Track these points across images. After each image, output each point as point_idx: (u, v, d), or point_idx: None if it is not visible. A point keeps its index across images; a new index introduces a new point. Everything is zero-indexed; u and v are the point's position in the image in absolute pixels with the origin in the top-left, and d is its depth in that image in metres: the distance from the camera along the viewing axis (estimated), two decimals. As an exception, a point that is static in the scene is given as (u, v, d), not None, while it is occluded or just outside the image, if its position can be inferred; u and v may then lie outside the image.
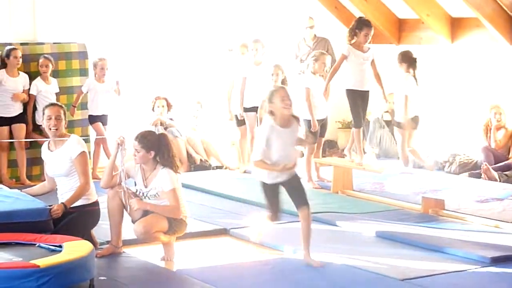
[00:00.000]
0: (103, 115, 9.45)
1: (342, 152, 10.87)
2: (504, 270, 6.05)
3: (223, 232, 7.17)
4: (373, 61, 8.43)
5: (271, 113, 5.54)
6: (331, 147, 11.83)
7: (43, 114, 5.85)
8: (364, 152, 9.37)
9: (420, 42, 11.42)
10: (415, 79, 8.67)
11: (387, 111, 11.10)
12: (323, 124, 9.14)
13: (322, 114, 8.95)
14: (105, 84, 9.44)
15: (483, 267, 6.10)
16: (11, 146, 9.12)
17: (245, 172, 10.05)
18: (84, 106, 9.63)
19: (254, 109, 9.50)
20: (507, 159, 9.80)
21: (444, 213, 7.82)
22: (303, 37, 10.79)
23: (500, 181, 8.70)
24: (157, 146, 5.70)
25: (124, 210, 5.77)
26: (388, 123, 11.01)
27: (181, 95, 11.00)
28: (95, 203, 5.82)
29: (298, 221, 6.05)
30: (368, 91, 8.58)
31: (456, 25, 10.57)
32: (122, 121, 9.74)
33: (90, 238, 5.50)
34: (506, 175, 9.12)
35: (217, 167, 10.61)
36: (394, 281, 5.57)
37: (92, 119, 9.47)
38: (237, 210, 8.07)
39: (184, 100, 11.03)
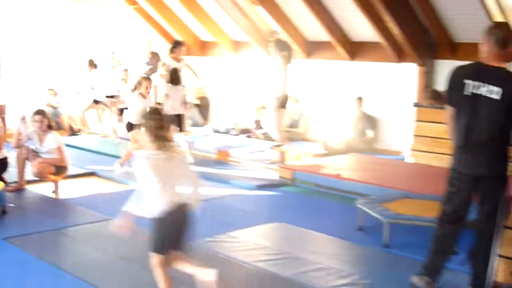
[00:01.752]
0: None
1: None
2: (265, 193, 7.03)
3: (93, 174, 7.73)
4: (187, 65, 9.03)
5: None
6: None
7: None
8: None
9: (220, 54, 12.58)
10: None
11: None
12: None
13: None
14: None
15: (251, 190, 7.07)
16: None
17: (104, 136, 10.74)
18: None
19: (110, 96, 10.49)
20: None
21: (230, 159, 8.60)
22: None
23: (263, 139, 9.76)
24: (48, 119, 6.54)
25: (27, 161, 6.55)
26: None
27: (63, 87, 11.52)
28: (5, 158, 6.49)
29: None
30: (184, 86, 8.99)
31: (236, 45, 11.82)
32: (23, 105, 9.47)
33: (2, 179, 6.22)
34: (264, 135, 10.22)
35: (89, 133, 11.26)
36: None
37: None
38: (100, 160, 8.63)
39: (66, 89, 11.53)
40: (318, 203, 6.57)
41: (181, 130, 8.24)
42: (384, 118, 10.02)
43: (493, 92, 3.72)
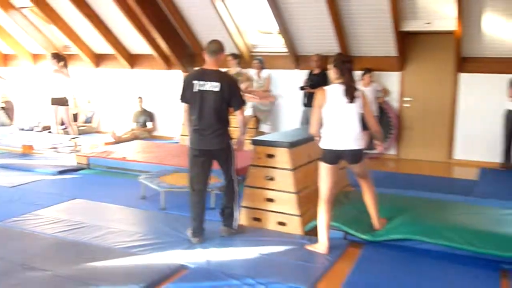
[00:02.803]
0: None
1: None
2: (65, 176, 6.93)
3: None
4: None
5: None
6: None
7: None
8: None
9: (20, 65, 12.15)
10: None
11: None
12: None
13: None
14: None
15: (54, 175, 6.90)
16: None
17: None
18: None
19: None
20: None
21: (34, 152, 8.27)
22: None
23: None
24: None
25: None
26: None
27: None
28: None
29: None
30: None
31: (99, 57, 11.19)
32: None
33: None
34: (64, 130, 9.51)
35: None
36: (5, 187, 6.13)
37: None
38: None
39: None
40: (110, 181, 6.57)
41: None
42: (159, 112, 10.36)
43: (214, 86, 4.22)
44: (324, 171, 4.15)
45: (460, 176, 7.23)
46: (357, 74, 8.37)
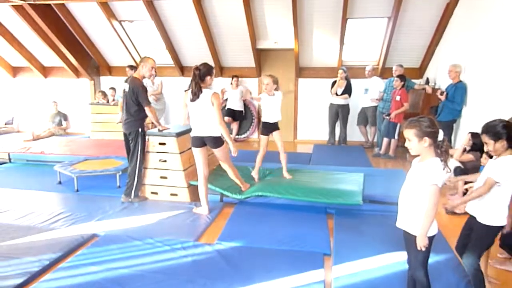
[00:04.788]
0: None
1: None
2: None
3: None
4: None
5: None
6: None
7: None
8: None
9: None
10: None
11: None
12: None
13: None
14: None
15: None
16: None
17: None
18: None
19: None
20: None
21: None
22: None
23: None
24: None
25: None
26: None
27: None
28: None
29: None
30: None
31: (16, 69, 9.94)
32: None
33: None
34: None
35: None
36: None
37: None
38: None
39: None
40: (30, 172, 5.99)
41: None
42: (72, 113, 9.53)
43: (127, 87, 4.31)
44: (194, 153, 4.07)
45: (301, 151, 7.57)
46: (228, 80, 8.48)
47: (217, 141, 3.97)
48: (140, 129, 4.41)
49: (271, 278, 2.96)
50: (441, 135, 2.18)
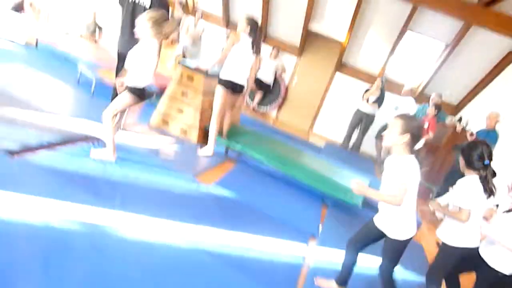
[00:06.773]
0: None
1: None
2: None
3: None
4: None
5: None
6: None
7: None
8: None
9: None
10: None
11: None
12: None
13: None
14: None
15: None
16: None
17: None
18: None
19: None
20: None
21: None
22: None
23: None
24: None
25: None
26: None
27: None
28: None
29: None
30: None
31: None
32: None
33: None
34: None
35: None
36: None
37: None
38: None
39: None
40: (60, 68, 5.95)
41: None
42: (107, 28, 9.26)
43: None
44: (220, 93, 4.08)
45: (313, 142, 7.49)
46: (268, 49, 8.36)
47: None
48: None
49: (255, 233, 2.95)
50: (420, 144, 2.19)
